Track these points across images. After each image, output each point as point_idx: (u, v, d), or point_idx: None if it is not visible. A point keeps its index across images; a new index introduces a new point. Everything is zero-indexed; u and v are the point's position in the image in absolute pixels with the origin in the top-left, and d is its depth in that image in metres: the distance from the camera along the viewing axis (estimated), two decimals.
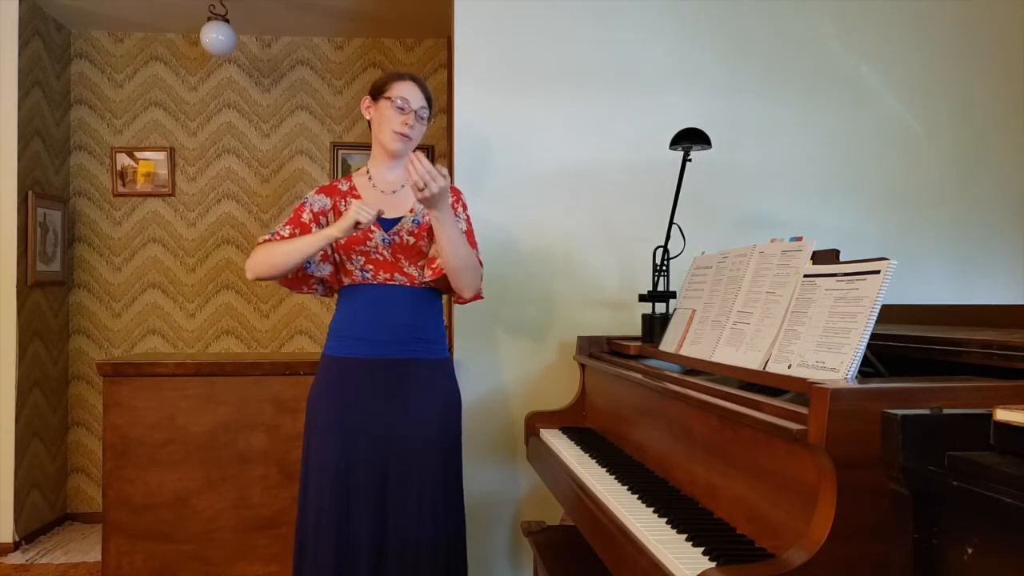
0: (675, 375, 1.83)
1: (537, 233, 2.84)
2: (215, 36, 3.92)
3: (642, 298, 2.43)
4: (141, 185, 4.44)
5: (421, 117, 2.20)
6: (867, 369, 1.42)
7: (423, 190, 1.93)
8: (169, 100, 4.47)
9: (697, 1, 2.88)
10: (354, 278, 2.17)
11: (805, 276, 1.52)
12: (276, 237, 2.17)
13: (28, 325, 3.95)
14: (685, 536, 1.36)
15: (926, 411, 0.92)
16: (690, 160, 2.45)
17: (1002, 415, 0.85)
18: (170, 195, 4.46)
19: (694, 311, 1.98)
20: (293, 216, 2.22)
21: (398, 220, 2.20)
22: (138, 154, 4.43)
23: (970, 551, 0.85)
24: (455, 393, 2.27)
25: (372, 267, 2.16)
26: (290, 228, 2.19)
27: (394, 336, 2.16)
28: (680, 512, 1.49)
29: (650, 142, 2.80)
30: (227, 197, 4.49)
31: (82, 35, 4.43)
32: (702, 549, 1.29)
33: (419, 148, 2.29)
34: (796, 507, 1.22)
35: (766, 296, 1.63)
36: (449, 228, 2.05)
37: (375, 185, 2.24)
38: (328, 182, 2.32)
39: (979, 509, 0.83)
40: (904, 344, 1.54)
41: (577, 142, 2.85)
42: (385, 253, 2.16)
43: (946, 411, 0.92)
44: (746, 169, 2.89)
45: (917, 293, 2.83)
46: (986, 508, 0.81)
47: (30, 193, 3.94)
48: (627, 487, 1.70)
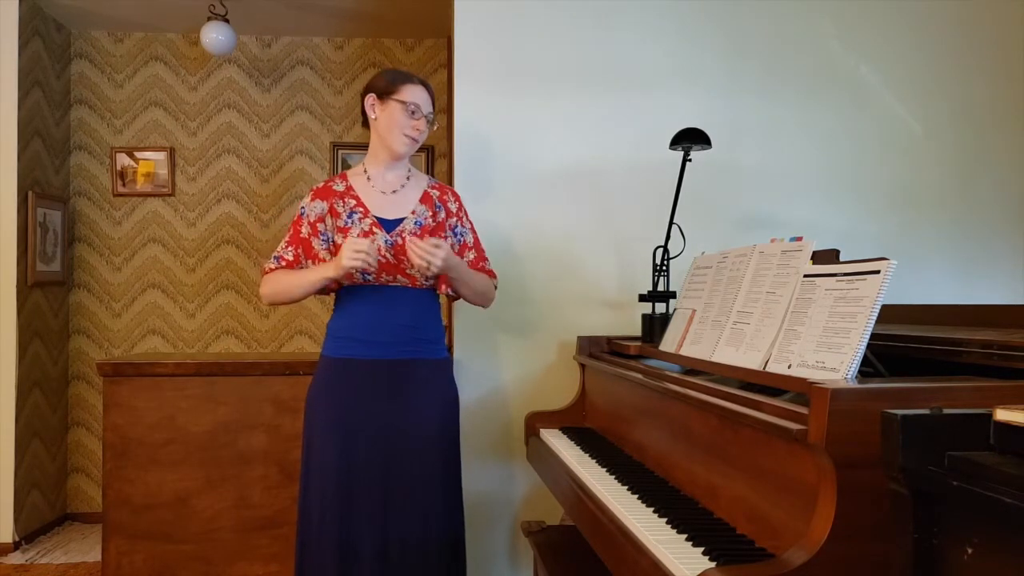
0: (675, 375, 1.83)
1: (537, 233, 2.84)
2: (215, 36, 3.92)
3: (642, 298, 2.43)
4: (141, 185, 4.44)
5: (429, 121, 2.21)
6: (867, 369, 1.42)
7: (429, 266, 2.04)
8: (169, 100, 4.47)
9: (697, 1, 2.88)
10: (355, 279, 2.17)
11: (805, 276, 1.52)
12: (282, 263, 2.20)
13: (28, 325, 3.95)
14: (685, 536, 1.36)
15: (926, 411, 0.92)
16: (690, 160, 2.45)
17: (1002, 415, 0.85)
18: (170, 195, 4.46)
19: (694, 311, 1.98)
20: (292, 234, 2.22)
21: (400, 221, 2.20)
22: (138, 154, 4.43)
23: (970, 551, 0.85)
24: (454, 393, 2.28)
25: (374, 269, 2.16)
26: (292, 249, 2.21)
27: (395, 337, 2.16)
28: (680, 512, 1.49)
29: (650, 142, 2.79)
30: (227, 197, 4.49)
31: (82, 35, 4.43)
32: (702, 549, 1.29)
33: (420, 149, 2.29)
34: (796, 507, 1.22)
35: (766, 296, 1.63)
36: (464, 276, 2.21)
37: (374, 186, 2.23)
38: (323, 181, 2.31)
39: (979, 509, 0.83)
40: (904, 344, 1.54)
41: (577, 142, 2.85)
42: (387, 255, 2.16)
43: (946, 411, 0.92)
44: (746, 169, 2.89)
45: (917, 293, 2.83)
46: (986, 508, 0.81)
47: (30, 193, 3.94)
48: (627, 487, 1.70)
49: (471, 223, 2.36)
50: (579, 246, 2.85)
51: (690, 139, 2.39)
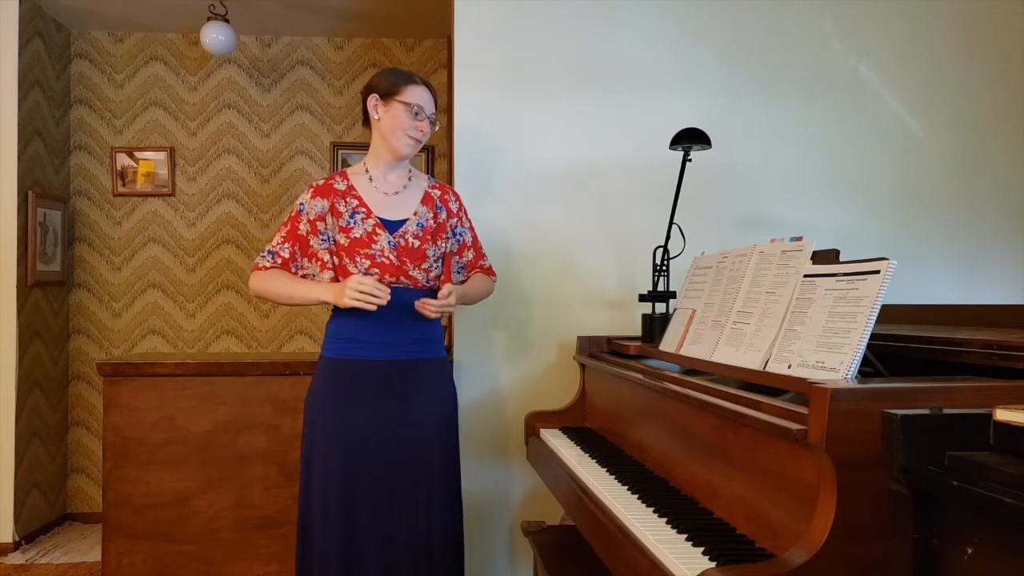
0: (675, 375, 1.83)
1: (537, 233, 2.84)
2: (215, 36, 3.91)
3: (642, 298, 2.43)
4: (141, 185, 4.44)
5: (432, 122, 2.21)
6: (867, 369, 1.42)
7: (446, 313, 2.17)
8: (169, 100, 4.47)
9: (697, 1, 2.88)
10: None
11: (805, 276, 1.52)
12: (277, 260, 2.18)
13: (28, 325, 3.95)
14: (685, 536, 1.36)
15: (926, 411, 0.92)
16: (690, 160, 2.45)
17: (1002, 415, 0.85)
18: (170, 195, 4.46)
19: (694, 311, 1.98)
20: (290, 230, 2.19)
21: (402, 223, 2.20)
22: (138, 154, 4.43)
23: (970, 551, 0.85)
24: (453, 391, 2.30)
25: (377, 270, 2.15)
26: (288, 246, 2.19)
27: (396, 337, 2.16)
28: (680, 512, 1.49)
29: (650, 142, 2.79)
30: (227, 197, 4.49)
31: (82, 35, 4.43)
32: (702, 549, 1.29)
33: (420, 149, 2.28)
34: (796, 507, 1.22)
35: (766, 296, 1.63)
36: (468, 296, 2.31)
37: (377, 187, 2.22)
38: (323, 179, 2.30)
39: (979, 509, 0.83)
40: (904, 344, 1.54)
41: (577, 142, 2.85)
42: (391, 256, 2.15)
43: (946, 411, 0.92)
44: (746, 169, 2.89)
45: (917, 293, 2.83)
46: (986, 508, 0.81)
47: (30, 193, 3.94)
48: (627, 487, 1.70)
49: (470, 222, 2.36)
50: (579, 246, 2.85)
51: (690, 139, 2.39)
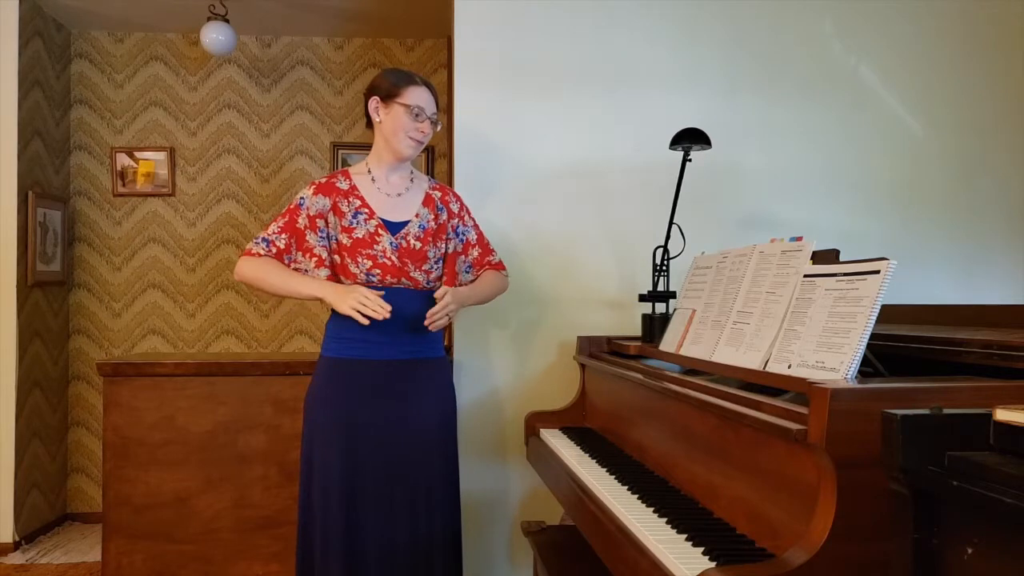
0: (675, 375, 1.83)
1: (537, 233, 2.84)
2: (215, 36, 3.91)
3: (642, 298, 2.43)
4: (141, 185, 4.44)
5: (433, 123, 2.21)
6: (867, 369, 1.42)
7: (450, 316, 2.13)
8: (169, 100, 4.47)
9: (697, 1, 2.88)
10: (358, 281, 2.16)
11: (805, 276, 1.52)
12: (272, 249, 2.16)
13: (28, 325, 3.95)
14: (685, 536, 1.36)
15: (926, 411, 0.92)
16: (690, 160, 2.45)
17: (1002, 415, 0.85)
18: (170, 195, 4.46)
19: (694, 311, 1.98)
20: (288, 221, 2.18)
21: (404, 224, 2.20)
22: (138, 154, 4.43)
23: (970, 551, 0.85)
24: (452, 391, 2.31)
25: (379, 271, 2.15)
26: (285, 237, 2.17)
27: (396, 337, 2.16)
28: (680, 512, 1.49)
29: (650, 142, 2.79)
30: (227, 197, 4.49)
31: (82, 35, 4.43)
32: (702, 549, 1.29)
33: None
34: (796, 507, 1.22)
35: (766, 296, 1.63)
36: (476, 296, 2.29)
37: (379, 188, 2.23)
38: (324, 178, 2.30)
39: (979, 509, 0.83)
40: (904, 344, 1.54)
41: (577, 142, 2.85)
42: (393, 257, 2.16)
43: (946, 411, 0.92)
44: (746, 169, 2.89)
45: (917, 293, 2.83)
46: (986, 508, 0.81)
47: (30, 193, 3.93)
48: (627, 487, 1.70)
49: (474, 220, 2.37)
50: (579, 246, 2.85)
51: (690, 139, 2.39)
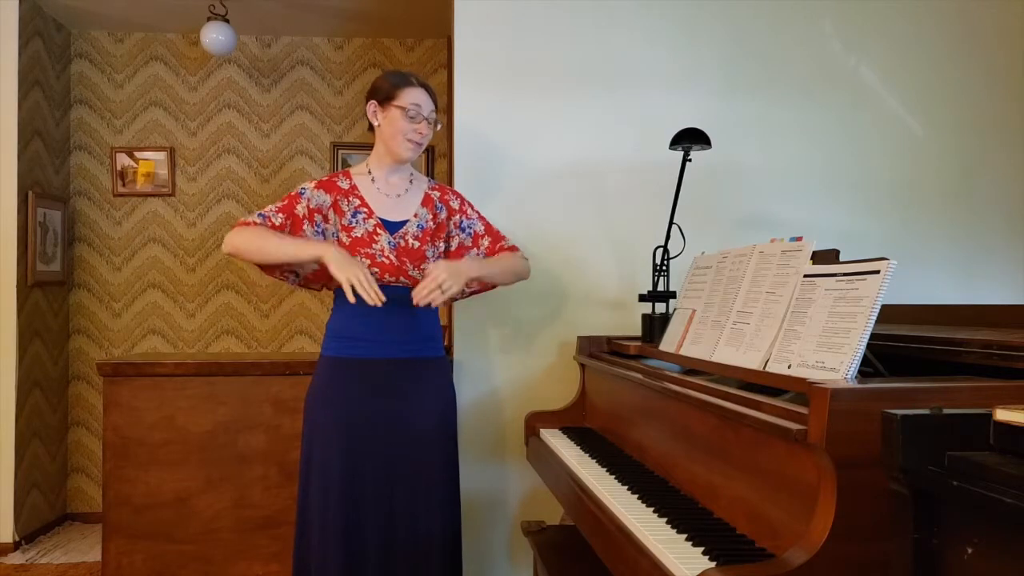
0: (675, 375, 1.83)
1: (537, 233, 2.84)
2: (215, 36, 3.91)
3: (642, 298, 2.43)
4: (141, 185, 4.44)
5: (431, 122, 2.21)
6: (867, 369, 1.42)
7: (443, 291, 2.06)
8: (169, 100, 4.47)
9: (697, 1, 2.88)
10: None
11: (805, 276, 1.52)
12: (268, 223, 2.14)
13: (28, 325, 3.95)
14: (685, 536, 1.36)
15: (926, 411, 0.92)
16: (690, 160, 2.45)
17: (1002, 415, 0.85)
18: (170, 195, 4.46)
19: (694, 311, 1.98)
20: (287, 204, 2.17)
21: (403, 224, 2.21)
22: (138, 154, 4.43)
23: (970, 551, 0.85)
24: (452, 390, 2.31)
25: (377, 270, 2.15)
26: (283, 217, 2.16)
27: (396, 336, 2.17)
28: (680, 512, 1.49)
29: (650, 142, 2.79)
30: (227, 197, 4.49)
31: (82, 35, 4.43)
32: (702, 549, 1.29)
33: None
34: (796, 507, 1.22)
35: (766, 296, 1.63)
36: (488, 269, 2.25)
37: (379, 188, 2.24)
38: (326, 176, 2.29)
39: (979, 509, 0.83)
40: (904, 344, 1.54)
41: (577, 142, 2.85)
42: (391, 256, 2.16)
43: (946, 411, 0.92)
44: (746, 169, 2.88)
45: (918, 293, 2.83)
46: (986, 508, 0.81)
47: (30, 193, 3.94)
48: (627, 487, 1.70)
49: (478, 212, 2.37)
50: (579, 246, 2.85)
51: (690, 139, 2.39)
